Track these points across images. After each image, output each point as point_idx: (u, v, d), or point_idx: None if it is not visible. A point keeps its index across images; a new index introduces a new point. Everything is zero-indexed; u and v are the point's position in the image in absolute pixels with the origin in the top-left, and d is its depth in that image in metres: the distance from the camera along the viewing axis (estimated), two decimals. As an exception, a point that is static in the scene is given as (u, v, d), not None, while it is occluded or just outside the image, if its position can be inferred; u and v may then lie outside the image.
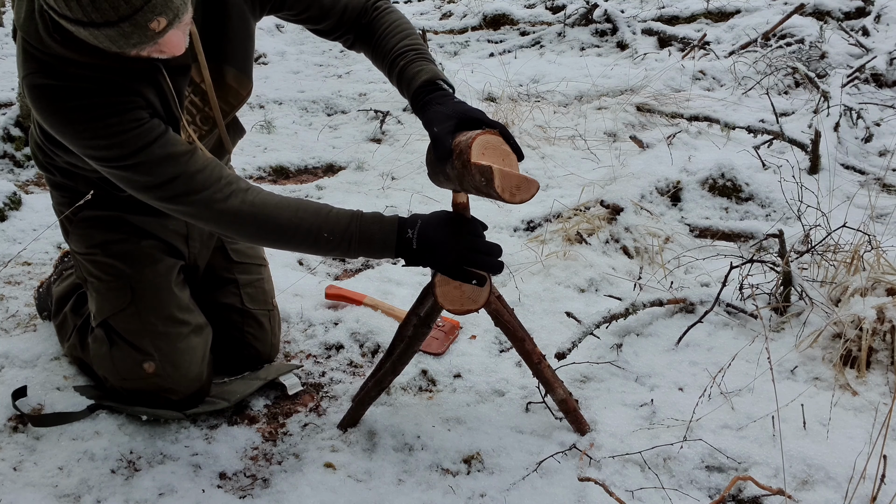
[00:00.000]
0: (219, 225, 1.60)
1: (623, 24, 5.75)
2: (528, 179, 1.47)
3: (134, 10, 1.29)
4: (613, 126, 3.96)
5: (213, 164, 1.59)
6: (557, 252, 2.63)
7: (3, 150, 3.55)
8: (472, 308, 1.61)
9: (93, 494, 1.62)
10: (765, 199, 2.96)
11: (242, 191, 1.59)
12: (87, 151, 1.54)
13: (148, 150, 1.51)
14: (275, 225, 1.58)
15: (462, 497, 1.61)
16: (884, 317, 1.94)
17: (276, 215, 1.58)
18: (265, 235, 1.61)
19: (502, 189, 1.45)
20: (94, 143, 1.51)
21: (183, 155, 1.55)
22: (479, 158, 1.47)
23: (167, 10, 1.32)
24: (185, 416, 1.81)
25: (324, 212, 1.60)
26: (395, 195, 3.30)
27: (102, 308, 1.81)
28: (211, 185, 1.55)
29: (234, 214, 1.56)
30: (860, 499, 1.52)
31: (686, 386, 1.96)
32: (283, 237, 1.60)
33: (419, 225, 1.58)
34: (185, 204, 1.56)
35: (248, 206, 1.57)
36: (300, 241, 1.60)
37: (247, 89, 1.77)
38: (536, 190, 1.48)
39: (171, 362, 1.78)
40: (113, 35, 1.32)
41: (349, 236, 1.58)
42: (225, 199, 1.56)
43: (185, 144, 1.57)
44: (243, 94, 1.77)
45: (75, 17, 1.29)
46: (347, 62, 5.88)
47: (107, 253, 1.81)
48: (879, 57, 4.44)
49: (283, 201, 1.60)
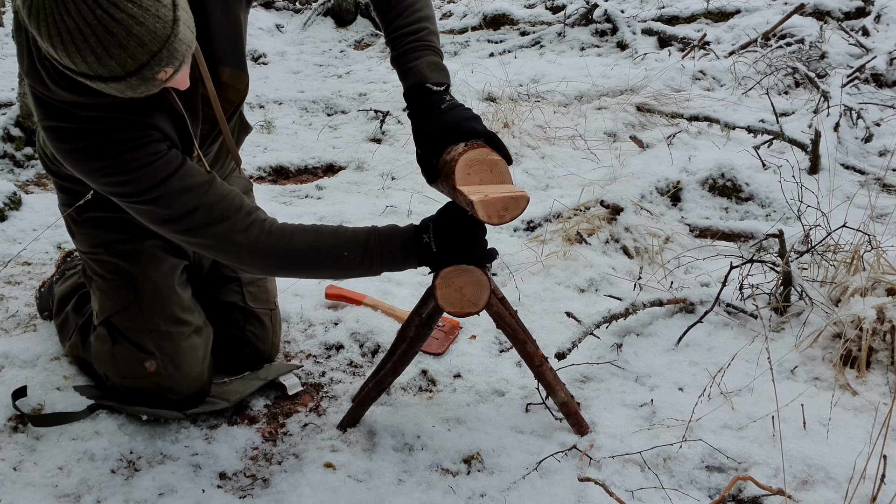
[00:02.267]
0: (239, 257, 1.58)
1: (623, 24, 5.75)
2: (514, 198, 1.47)
3: (140, 66, 1.28)
4: (613, 126, 3.96)
5: (233, 194, 1.58)
6: (557, 252, 2.63)
7: (3, 150, 3.55)
8: (473, 311, 1.61)
9: (93, 494, 1.62)
10: (765, 199, 2.96)
11: (261, 221, 1.58)
12: (107, 189, 1.54)
13: (167, 183, 1.51)
14: (295, 252, 1.57)
15: (462, 497, 1.61)
16: (884, 317, 1.94)
17: (296, 242, 1.57)
18: (286, 265, 1.60)
19: (488, 217, 1.47)
20: (114, 179, 1.51)
21: (201, 186, 1.54)
22: (465, 181, 1.49)
23: (173, 60, 1.32)
24: (185, 416, 1.81)
25: (340, 232, 1.60)
26: (395, 195, 3.30)
27: (105, 306, 1.82)
28: (231, 216, 1.55)
29: (253, 245, 1.56)
30: (860, 499, 1.51)
31: (686, 386, 1.96)
32: (303, 263, 1.59)
33: (432, 228, 1.58)
34: (205, 236, 1.55)
35: (266, 235, 1.57)
36: (321, 265, 1.59)
37: (243, 84, 1.75)
38: (526, 204, 1.49)
39: (173, 361, 1.78)
40: (120, 87, 1.32)
41: (370, 251, 1.58)
42: (245, 229, 1.56)
43: (203, 175, 1.57)
44: (241, 89, 1.75)
45: (81, 72, 1.29)
46: (347, 62, 5.89)
47: (110, 252, 1.81)
48: (879, 57, 4.44)
49: (299, 228, 1.60)
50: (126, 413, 1.83)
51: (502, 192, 1.48)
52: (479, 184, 1.51)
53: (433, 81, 1.64)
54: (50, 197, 3.10)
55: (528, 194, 1.52)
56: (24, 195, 3.07)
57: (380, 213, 3.08)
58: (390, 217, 3.05)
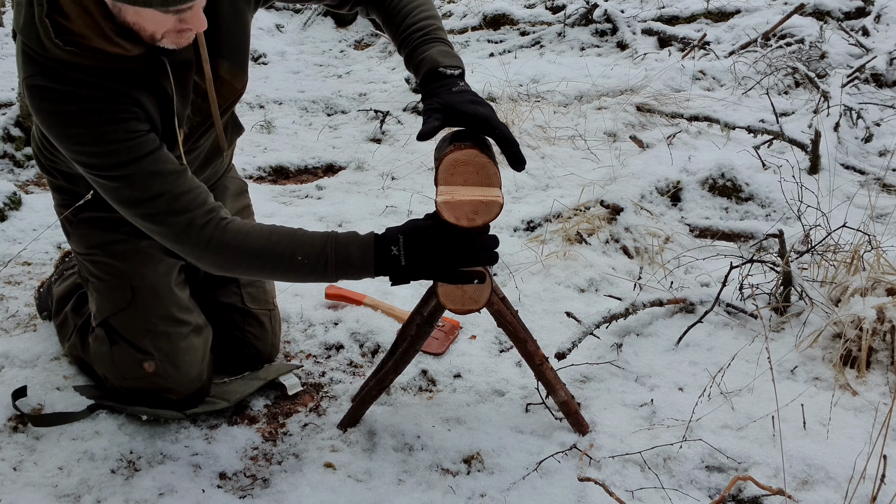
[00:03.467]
0: (194, 252, 1.57)
1: (623, 24, 5.74)
2: (485, 202, 1.46)
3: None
4: (613, 126, 3.96)
5: (201, 189, 1.58)
6: (557, 252, 2.63)
7: (3, 150, 3.55)
8: (474, 308, 1.62)
9: (93, 494, 1.62)
10: (765, 199, 2.95)
11: (220, 219, 1.56)
12: (78, 157, 1.53)
13: (138, 163, 1.50)
14: (248, 252, 1.55)
15: (462, 497, 1.61)
16: (884, 317, 1.94)
17: (249, 242, 1.55)
18: (239, 264, 1.58)
19: (456, 219, 1.47)
20: (86, 149, 1.50)
21: (172, 174, 1.54)
22: (447, 181, 1.48)
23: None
24: (185, 416, 1.81)
25: (298, 235, 1.57)
26: (395, 195, 3.30)
27: (102, 307, 1.82)
28: (193, 210, 1.54)
29: (207, 241, 1.54)
30: (860, 499, 1.52)
31: (686, 386, 1.96)
32: (257, 263, 1.57)
33: (403, 240, 1.53)
34: (164, 224, 1.54)
35: (221, 232, 1.55)
36: (274, 267, 1.57)
37: (241, 83, 1.74)
38: (499, 209, 1.47)
39: (171, 362, 1.78)
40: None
41: (325, 258, 1.54)
42: (203, 225, 1.54)
43: (176, 164, 1.56)
44: (238, 87, 1.74)
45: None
46: (347, 62, 5.88)
47: (106, 253, 1.80)
48: (879, 57, 4.43)
49: (256, 228, 1.57)
50: (126, 413, 1.83)
51: (474, 195, 1.47)
52: (461, 185, 1.50)
53: (446, 65, 1.61)
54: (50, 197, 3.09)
55: (503, 199, 1.49)
56: (24, 195, 3.07)
57: (380, 213, 3.08)
58: (390, 217, 3.05)
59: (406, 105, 4.38)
